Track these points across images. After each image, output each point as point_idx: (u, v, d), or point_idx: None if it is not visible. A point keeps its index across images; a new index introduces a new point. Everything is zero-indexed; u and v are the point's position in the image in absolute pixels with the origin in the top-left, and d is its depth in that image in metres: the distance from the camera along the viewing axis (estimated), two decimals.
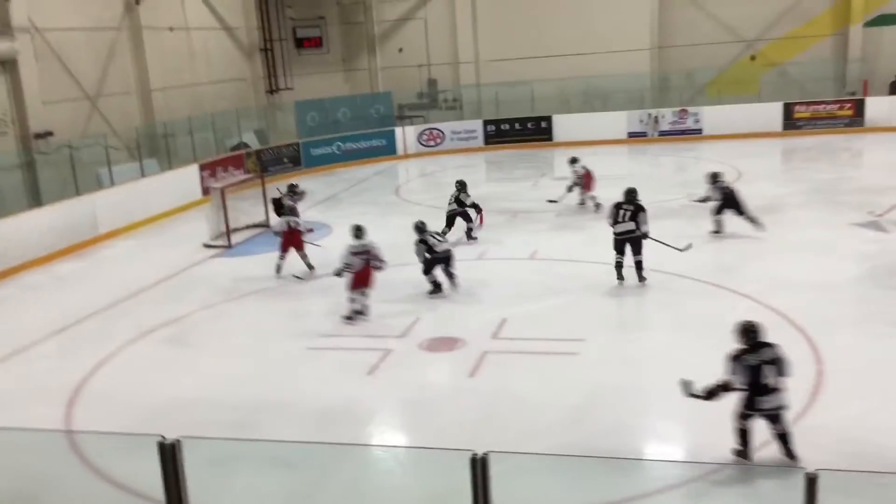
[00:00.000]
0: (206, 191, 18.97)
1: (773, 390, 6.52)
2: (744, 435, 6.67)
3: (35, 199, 16.56)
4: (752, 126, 23.26)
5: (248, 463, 6.84)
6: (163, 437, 4.37)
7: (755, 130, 23.55)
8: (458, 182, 15.04)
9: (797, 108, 24.70)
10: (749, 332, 6.69)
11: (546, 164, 23.13)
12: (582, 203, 16.60)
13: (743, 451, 6.69)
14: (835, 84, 25.87)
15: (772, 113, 24.74)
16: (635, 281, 11.37)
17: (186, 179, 19.76)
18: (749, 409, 6.59)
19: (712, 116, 24.74)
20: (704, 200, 14.13)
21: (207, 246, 15.49)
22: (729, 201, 13.72)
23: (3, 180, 15.72)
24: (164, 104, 22.21)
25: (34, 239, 15.07)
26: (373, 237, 10.97)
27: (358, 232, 10.89)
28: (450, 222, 14.50)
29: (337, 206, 18.69)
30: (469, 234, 14.65)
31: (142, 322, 11.35)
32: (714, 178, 14.01)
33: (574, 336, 9.70)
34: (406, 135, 26.11)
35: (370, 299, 10.85)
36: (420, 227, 11.63)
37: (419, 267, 11.54)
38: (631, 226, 11.24)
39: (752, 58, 26.96)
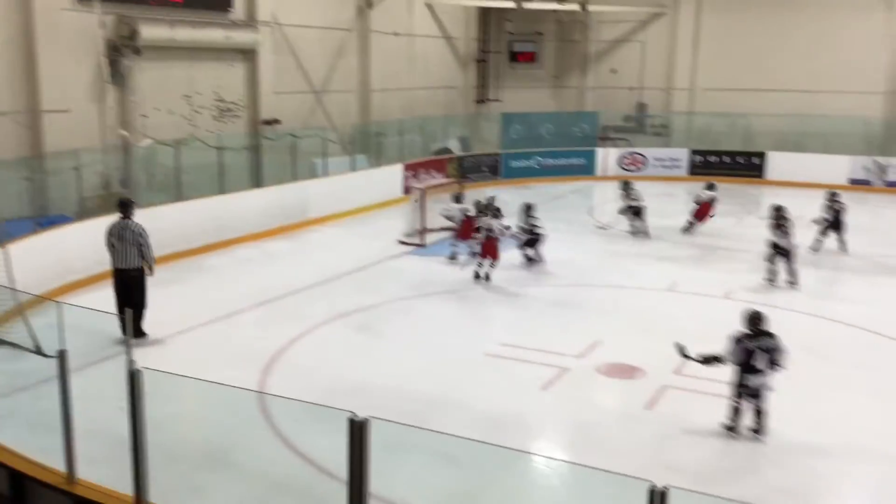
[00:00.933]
0: (407, 190, 19.80)
1: (759, 372, 7.60)
2: (736, 412, 7.79)
3: (257, 180, 18.02)
4: None
5: (419, 454, 7.08)
6: (354, 413, 4.61)
7: None
8: (525, 204, 14.69)
9: None
10: (754, 320, 7.73)
11: (752, 202, 21.99)
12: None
13: (733, 427, 7.81)
14: None
15: None
16: (841, 334, 10.60)
17: (391, 177, 20.75)
18: (739, 386, 7.72)
19: None
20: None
21: (403, 242, 16.16)
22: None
23: (231, 160, 17.22)
24: (380, 104, 23.39)
25: (251, 216, 16.41)
26: (561, 255, 10.95)
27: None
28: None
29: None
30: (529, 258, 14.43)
31: (336, 305, 12.05)
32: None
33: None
34: (608, 156, 25.83)
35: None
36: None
37: (605, 290, 11.41)
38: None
39: None
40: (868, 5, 25.23)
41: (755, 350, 7.56)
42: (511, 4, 26.39)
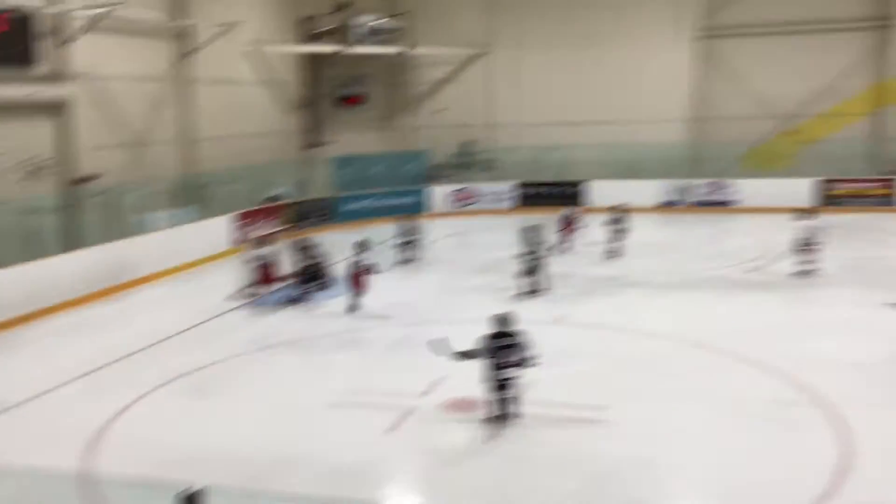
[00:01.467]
0: (240, 240, 19.26)
1: (505, 366, 8.73)
2: (492, 404, 8.88)
3: (74, 241, 16.90)
4: (786, 200, 23.06)
5: None
6: (189, 485, 4.36)
7: (789, 205, 23.37)
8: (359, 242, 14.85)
9: (832, 184, 24.59)
10: (501, 321, 8.88)
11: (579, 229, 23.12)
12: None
13: (495, 418, 8.86)
14: (869, 163, 25.73)
15: (806, 188, 24.63)
16: (667, 350, 11.30)
17: (221, 229, 20.11)
18: (489, 379, 8.82)
19: (747, 189, 24.68)
20: None
21: (237, 295, 15.65)
22: None
23: (39, 223, 16.05)
24: (207, 154, 22.70)
25: (69, 282, 15.35)
26: (397, 294, 11.01)
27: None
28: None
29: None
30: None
31: (169, 368, 11.44)
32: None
33: (599, 403, 9.60)
34: (439, 194, 26.38)
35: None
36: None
37: (445, 326, 11.52)
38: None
39: (788, 133, 26.97)
40: (665, 40, 27.41)
41: (498, 347, 8.75)
42: (335, 49, 26.53)
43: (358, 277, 14.27)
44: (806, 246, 15.83)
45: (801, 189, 24.54)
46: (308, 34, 27.42)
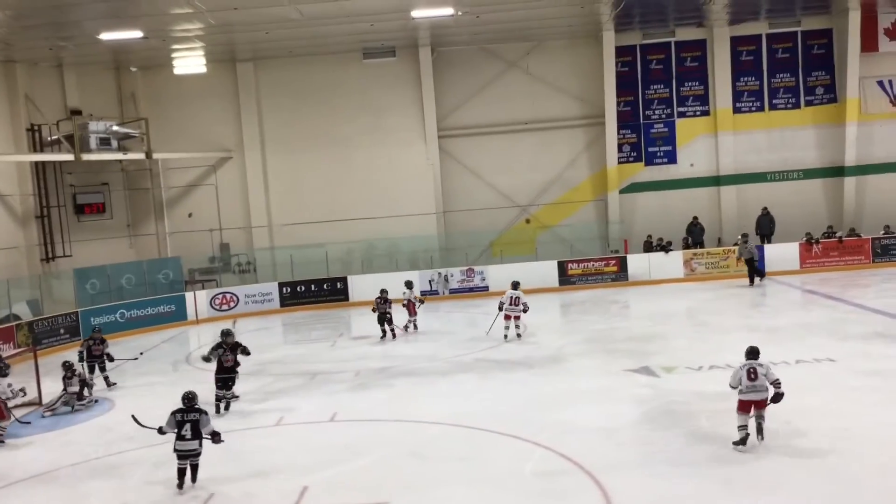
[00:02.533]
0: None
1: (187, 439, 10.24)
2: (180, 473, 10.22)
3: None
4: (532, 282, 24.96)
5: None
6: None
7: (535, 286, 25.30)
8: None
9: (570, 265, 27.03)
10: (186, 399, 10.47)
11: (343, 324, 23.31)
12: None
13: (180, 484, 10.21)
14: (600, 243, 28.69)
15: (548, 270, 26.84)
16: (437, 435, 11.59)
17: None
18: (175, 451, 10.24)
19: (496, 274, 26.35)
20: None
21: None
22: None
23: None
24: None
25: None
26: (160, 407, 10.40)
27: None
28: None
29: (120, 377, 17.39)
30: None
31: None
32: None
33: (378, 499, 9.57)
34: (197, 299, 25.40)
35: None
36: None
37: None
38: None
39: (528, 221, 29.47)
40: (409, 140, 29.03)
41: (183, 422, 10.24)
42: (69, 157, 25.04)
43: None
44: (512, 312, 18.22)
45: (548, 271, 26.71)
46: (40, 142, 25.79)
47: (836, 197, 28.97)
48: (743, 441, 10.20)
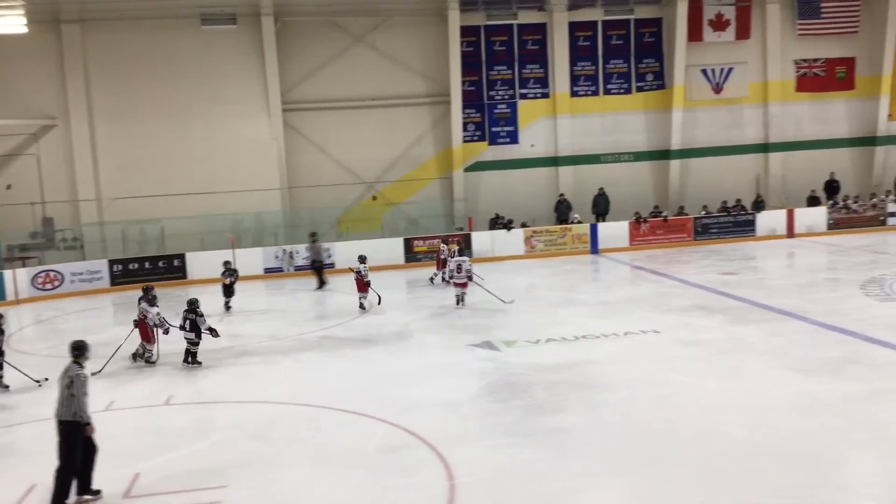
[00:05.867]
0: None
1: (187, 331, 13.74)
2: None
3: None
4: (379, 259, 25.00)
5: None
6: None
7: (382, 263, 25.34)
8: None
9: (415, 242, 27.25)
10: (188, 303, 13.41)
11: (181, 304, 22.32)
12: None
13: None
14: (446, 220, 29.10)
15: (395, 247, 26.94)
16: (279, 415, 11.34)
17: None
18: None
19: (343, 251, 26.16)
20: None
21: None
22: None
23: None
24: None
25: None
26: None
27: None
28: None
29: None
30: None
31: None
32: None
33: (217, 483, 9.28)
34: (17, 277, 23.56)
35: None
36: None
37: (36, 425, 10.26)
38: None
39: (374, 198, 29.41)
40: (251, 112, 28.13)
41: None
42: None
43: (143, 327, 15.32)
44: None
45: (394, 248, 26.78)
46: None
47: (663, 179, 30.87)
48: None
